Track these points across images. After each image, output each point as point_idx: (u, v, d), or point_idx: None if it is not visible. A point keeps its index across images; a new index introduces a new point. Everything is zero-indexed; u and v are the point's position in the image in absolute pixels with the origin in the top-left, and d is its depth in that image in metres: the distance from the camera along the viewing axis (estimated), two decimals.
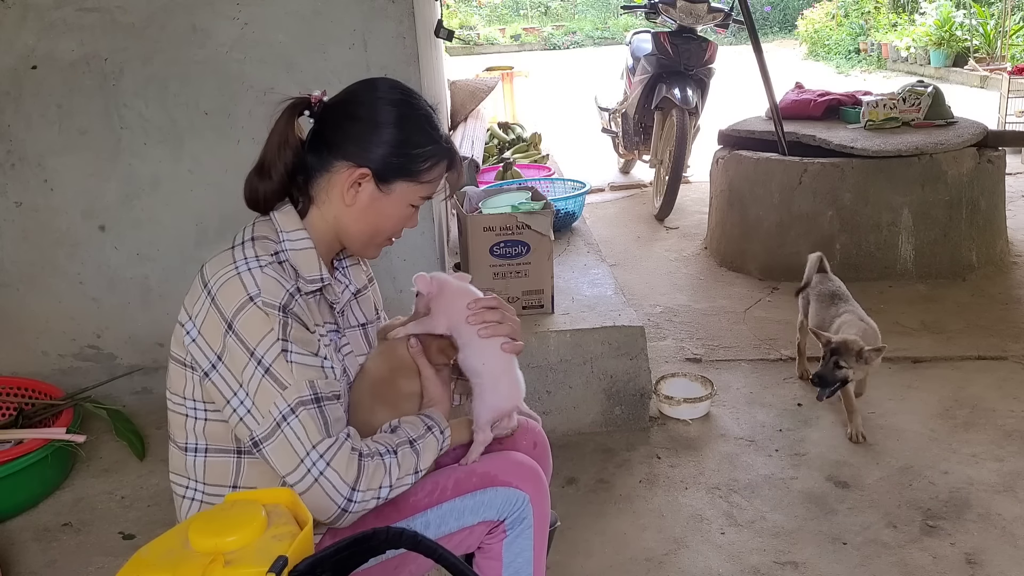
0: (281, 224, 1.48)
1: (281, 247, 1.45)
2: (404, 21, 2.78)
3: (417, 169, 1.49)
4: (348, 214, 1.49)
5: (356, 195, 1.48)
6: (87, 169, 2.92)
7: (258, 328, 1.35)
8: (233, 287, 1.37)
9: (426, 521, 1.51)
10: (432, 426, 1.49)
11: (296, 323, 1.38)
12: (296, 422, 1.34)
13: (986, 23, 10.61)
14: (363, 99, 1.49)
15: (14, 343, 3.07)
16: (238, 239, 1.45)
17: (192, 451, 1.47)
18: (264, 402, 1.35)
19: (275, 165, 1.47)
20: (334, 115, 1.49)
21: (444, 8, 6.90)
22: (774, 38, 16.48)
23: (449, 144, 1.53)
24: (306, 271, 1.46)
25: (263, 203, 1.50)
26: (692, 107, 5.21)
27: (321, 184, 1.49)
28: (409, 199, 1.51)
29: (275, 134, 1.48)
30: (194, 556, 1.06)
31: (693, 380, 3.15)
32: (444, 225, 3.54)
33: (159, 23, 2.80)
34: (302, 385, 1.36)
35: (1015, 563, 2.20)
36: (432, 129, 1.50)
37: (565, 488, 2.61)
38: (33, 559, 2.40)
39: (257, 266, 1.39)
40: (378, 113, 1.47)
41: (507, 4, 19.79)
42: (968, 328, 3.60)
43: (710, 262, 4.58)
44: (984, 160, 4.11)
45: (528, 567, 1.59)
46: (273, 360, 1.35)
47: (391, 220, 1.53)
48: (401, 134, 1.47)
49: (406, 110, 1.48)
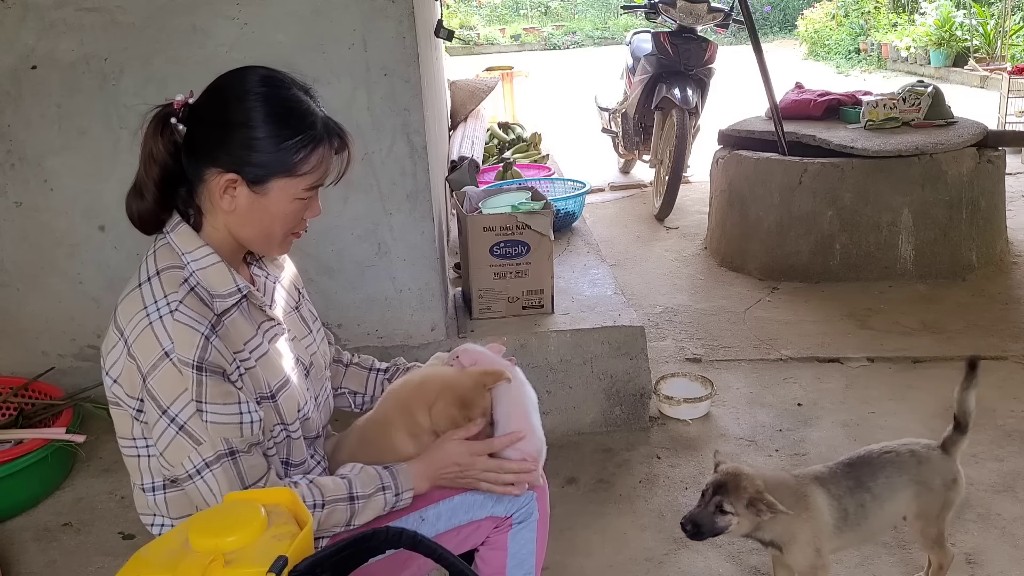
0: (180, 246, 1.41)
1: (187, 271, 1.39)
2: (404, 21, 2.78)
3: (290, 162, 1.39)
4: (233, 220, 1.43)
5: (233, 200, 1.40)
6: (87, 169, 2.92)
7: (172, 387, 1.32)
8: (147, 341, 1.33)
9: (438, 512, 1.55)
10: (387, 487, 1.48)
11: (212, 379, 1.33)
12: (210, 476, 1.34)
13: (986, 23, 10.61)
14: (226, 96, 1.41)
15: (14, 343, 3.07)
16: (143, 274, 1.39)
17: (151, 490, 1.46)
18: (176, 456, 1.34)
19: (146, 183, 1.41)
20: (199, 119, 1.42)
21: (444, 8, 6.90)
22: (774, 38, 16.48)
23: (326, 126, 1.42)
24: (220, 287, 1.40)
25: (147, 223, 1.44)
26: (692, 107, 5.21)
27: (203, 194, 1.42)
28: (292, 194, 1.42)
29: (143, 149, 1.41)
30: (194, 556, 1.06)
31: (693, 380, 3.15)
32: (444, 225, 3.54)
33: (159, 23, 2.79)
34: (217, 441, 1.34)
35: (1015, 563, 2.20)
36: (301, 117, 1.40)
37: (565, 488, 2.61)
38: (33, 559, 2.40)
39: (168, 312, 1.33)
40: (240, 112, 1.38)
41: (507, 4, 19.78)
42: (968, 328, 3.60)
43: (710, 262, 4.58)
44: (984, 160, 4.11)
45: (531, 558, 1.65)
46: (188, 419, 1.33)
47: (279, 218, 1.44)
48: (265, 130, 1.37)
49: (268, 106, 1.38)
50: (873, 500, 1.88)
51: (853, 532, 1.88)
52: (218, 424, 1.34)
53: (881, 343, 3.50)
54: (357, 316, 2.92)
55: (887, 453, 1.94)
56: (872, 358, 3.38)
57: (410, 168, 2.87)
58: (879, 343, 3.50)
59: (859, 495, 1.87)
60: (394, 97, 2.82)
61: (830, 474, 1.91)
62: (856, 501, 1.87)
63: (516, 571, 1.64)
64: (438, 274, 3.04)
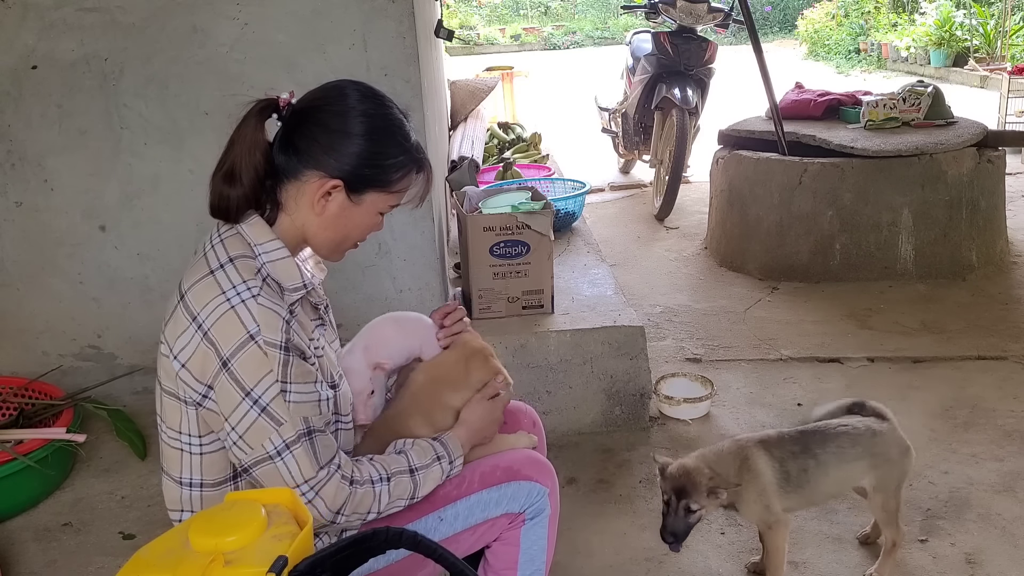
0: (252, 237, 1.43)
1: (259, 262, 1.42)
2: (404, 21, 2.78)
3: (389, 179, 1.48)
4: (317, 222, 1.48)
5: (326, 205, 1.46)
6: (87, 169, 2.92)
7: (257, 368, 1.35)
8: (230, 324, 1.34)
9: (456, 512, 1.58)
10: (442, 456, 1.53)
11: (296, 358, 1.38)
12: (290, 457, 1.36)
13: (986, 23, 10.61)
14: (334, 107, 1.46)
15: (14, 343, 3.07)
16: (214, 261, 1.40)
17: (187, 486, 1.47)
18: (257, 438, 1.35)
19: (245, 170, 1.43)
20: (303, 121, 1.45)
21: (444, 8, 6.90)
22: (774, 38, 16.48)
23: (420, 152, 1.53)
24: (288, 281, 1.44)
25: (234, 210, 1.44)
26: (692, 107, 5.21)
27: (290, 191, 1.46)
28: (379, 207, 1.51)
29: (243, 138, 1.43)
30: (194, 556, 1.06)
31: (693, 380, 3.15)
32: (444, 225, 3.54)
33: (159, 23, 2.80)
34: (297, 421, 1.37)
35: (1015, 563, 2.20)
36: (403, 138, 1.49)
37: (565, 488, 2.61)
38: (33, 559, 2.40)
39: (250, 296, 1.36)
40: (349, 123, 1.44)
41: (507, 4, 19.79)
42: (968, 328, 3.60)
43: (710, 262, 4.58)
44: (984, 160, 4.11)
45: (542, 554, 1.68)
46: (271, 400, 1.35)
47: (360, 228, 1.52)
48: (373, 145, 1.45)
49: (378, 121, 1.47)
50: (817, 466, 1.99)
51: (797, 494, 2.00)
52: (300, 404, 1.37)
53: (881, 343, 3.50)
54: (357, 316, 2.91)
55: (843, 426, 2.05)
56: (872, 358, 3.38)
57: None
58: (879, 343, 3.50)
59: (803, 460, 1.98)
60: (394, 97, 2.79)
61: (778, 438, 2.02)
62: (799, 465, 1.98)
63: (527, 567, 1.66)
64: (438, 274, 3.04)
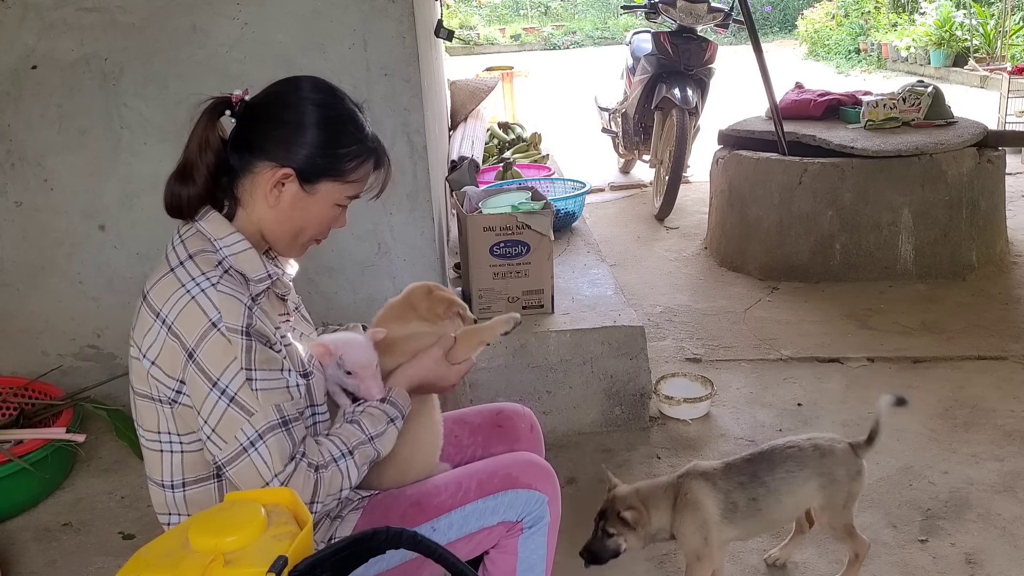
0: (212, 232, 1.44)
1: (220, 255, 1.42)
2: (404, 21, 2.78)
3: (342, 168, 1.47)
4: (272, 215, 1.47)
5: (279, 196, 1.45)
6: (87, 169, 2.92)
7: (221, 357, 1.34)
8: (192, 314, 1.34)
9: (450, 522, 1.55)
10: (395, 418, 1.52)
11: (259, 344, 1.37)
12: (263, 447, 1.34)
13: (986, 23, 10.60)
14: (286, 100, 1.47)
15: (14, 343, 3.07)
16: (174, 259, 1.41)
17: (171, 487, 1.47)
18: (228, 429, 1.34)
19: (198, 168, 1.44)
20: (256, 116, 1.46)
21: (444, 8, 6.90)
22: (774, 38, 16.47)
23: (375, 142, 1.52)
24: (252, 272, 1.44)
25: (187, 208, 1.45)
26: (692, 107, 5.21)
27: (245, 186, 1.46)
28: (335, 199, 1.49)
29: (195, 136, 1.45)
30: (194, 556, 1.06)
31: (693, 380, 3.15)
32: (444, 225, 3.54)
33: (159, 23, 2.79)
34: (269, 411, 1.36)
35: (1015, 563, 2.20)
36: (356, 128, 1.48)
37: (565, 488, 2.61)
38: (33, 559, 2.40)
39: (209, 285, 1.36)
40: (300, 113, 1.44)
41: (507, 4, 19.78)
42: (968, 328, 3.60)
43: (710, 262, 4.58)
44: (984, 160, 4.11)
45: (542, 562, 1.66)
46: (238, 389, 1.34)
47: (316, 220, 1.51)
48: (324, 134, 1.44)
49: (329, 110, 1.46)
50: (768, 494, 1.97)
51: (749, 522, 1.99)
52: (268, 391, 1.36)
53: (881, 343, 3.50)
54: (357, 316, 2.91)
55: (790, 448, 2.03)
56: (872, 358, 3.38)
57: (410, 168, 2.87)
58: (879, 343, 3.50)
59: (752, 489, 1.97)
60: (394, 97, 2.82)
61: (724, 469, 2.01)
62: (747, 495, 1.97)
63: (527, 575, 1.63)
64: (438, 274, 3.04)
